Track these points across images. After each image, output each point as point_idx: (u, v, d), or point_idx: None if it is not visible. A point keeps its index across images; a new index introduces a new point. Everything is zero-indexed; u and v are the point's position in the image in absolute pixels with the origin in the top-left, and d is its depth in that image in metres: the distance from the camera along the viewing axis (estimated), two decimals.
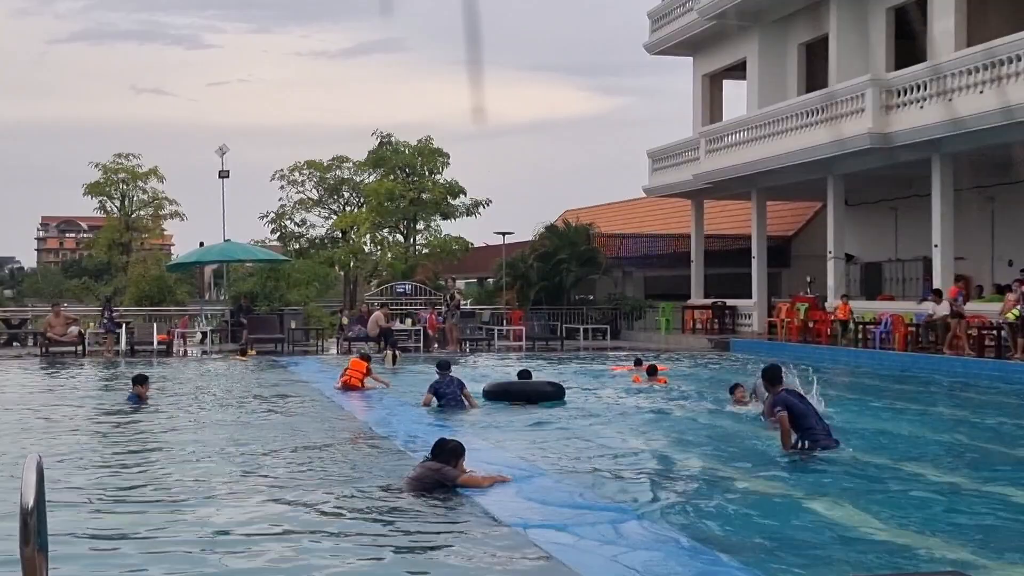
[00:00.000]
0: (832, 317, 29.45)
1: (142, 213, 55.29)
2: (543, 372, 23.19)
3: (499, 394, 18.57)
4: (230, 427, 15.66)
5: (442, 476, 9.69)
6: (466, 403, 17.33)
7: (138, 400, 17.73)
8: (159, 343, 30.96)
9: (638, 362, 24.54)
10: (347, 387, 19.77)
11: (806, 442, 11.87)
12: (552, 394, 18.60)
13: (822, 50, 33.05)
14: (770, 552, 8.33)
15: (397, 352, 27.62)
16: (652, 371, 21.37)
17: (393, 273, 46.52)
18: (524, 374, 19.95)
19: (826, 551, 8.31)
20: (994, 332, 23.95)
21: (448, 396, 17.31)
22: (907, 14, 30.06)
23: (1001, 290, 24.81)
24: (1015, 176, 28.51)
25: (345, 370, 20.55)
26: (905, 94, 27.10)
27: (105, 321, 31.11)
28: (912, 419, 16.51)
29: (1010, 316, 22.94)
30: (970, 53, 25.00)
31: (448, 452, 9.84)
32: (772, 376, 13.02)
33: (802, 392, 13.59)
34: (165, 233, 64.69)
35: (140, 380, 18.20)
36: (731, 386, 18.03)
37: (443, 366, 18.14)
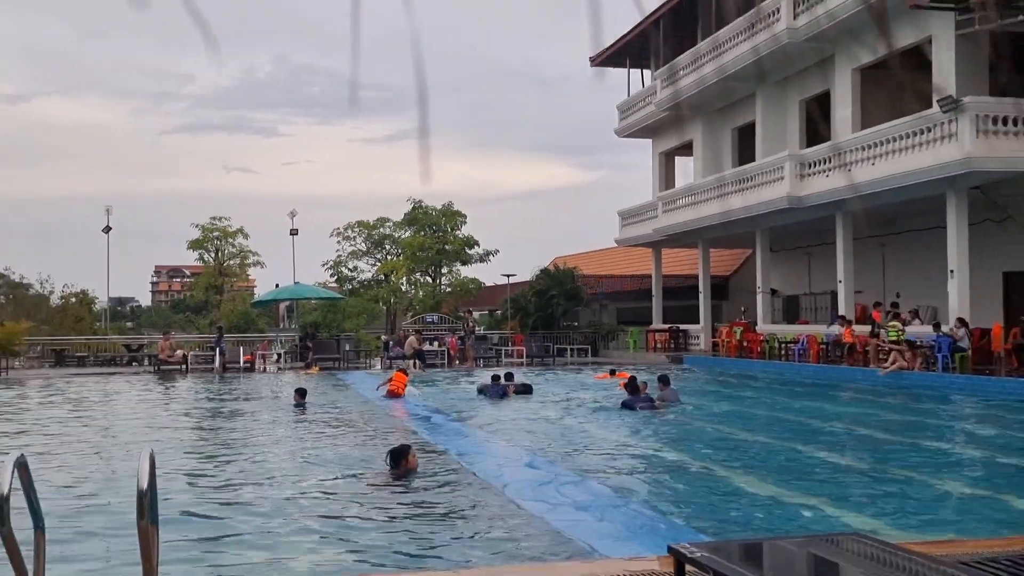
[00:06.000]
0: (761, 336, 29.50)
1: (231, 262, 55.57)
2: (539, 381, 23.39)
3: (487, 390, 20.03)
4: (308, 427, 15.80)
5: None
6: (509, 394, 19.72)
7: (300, 408, 17.59)
8: (245, 362, 31.06)
9: (612, 372, 24.66)
10: (393, 395, 19.81)
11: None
12: (524, 390, 20.46)
13: (751, 132, 33.23)
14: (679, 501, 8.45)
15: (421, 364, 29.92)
16: (636, 384, 21.22)
17: (424, 307, 46.63)
18: (508, 376, 21.65)
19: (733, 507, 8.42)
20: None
21: (492, 392, 19.70)
22: (815, 104, 30.32)
23: (896, 317, 24.75)
24: (900, 228, 28.66)
25: (390, 380, 20.65)
26: (814, 166, 27.30)
27: (222, 346, 31.44)
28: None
29: (895, 331, 22.80)
30: (864, 134, 25.27)
31: (399, 455, 9.95)
32: (663, 379, 18.10)
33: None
34: (249, 277, 64.83)
35: (301, 393, 18.23)
36: (633, 378, 18.67)
37: (495, 378, 20.71)
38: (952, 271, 22.79)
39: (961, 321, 21.91)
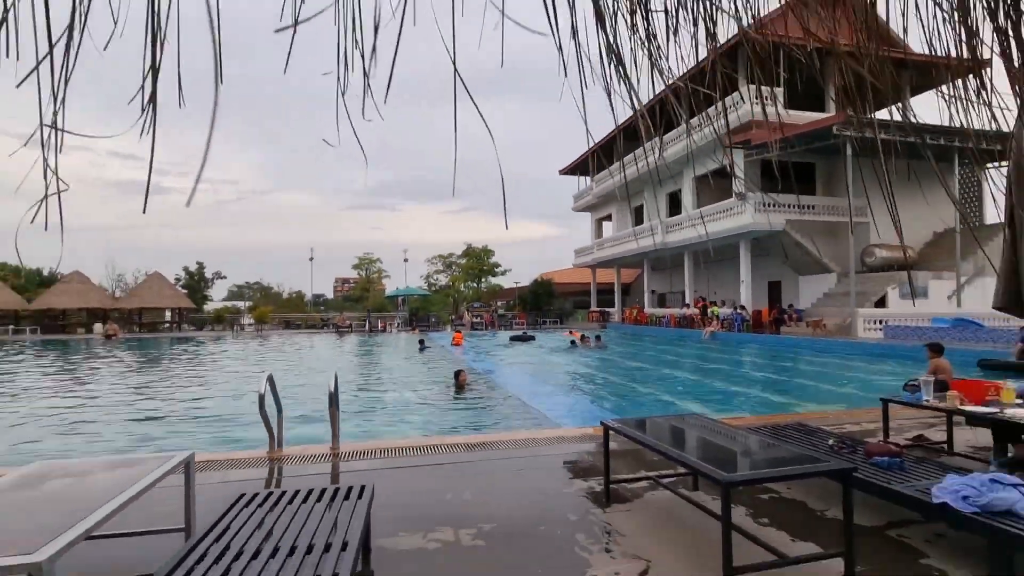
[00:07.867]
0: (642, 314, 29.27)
1: (374, 276, 55.38)
2: (535, 334, 23.27)
3: (513, 338, 20.43)
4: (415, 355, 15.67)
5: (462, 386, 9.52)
6: (527, 339, 19.93)
7: (422, 351, 16.81)
8: (380, 328, 30.98)
9: (570, 331, 24.52)
10: (455, 344, 19.65)
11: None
12: (530, 338, 20.56)
13: (641, 209, 33.00)
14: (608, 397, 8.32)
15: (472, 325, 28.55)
16: (583, 337, 20.95)
17: (472, 300, 46.43)
18: (525, 333, 22.04)
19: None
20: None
21: (514, 339, 19.75)
22: (674, 195, 30.13)
23: (714, 304, 24.58)
24: (719, 258, 28.44)
25: (454, 337, 20.53)
26: (674, 227, 27.10)
27: (370, 319, 31.44)
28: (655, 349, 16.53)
29: (715, 311, 22.59)
30: (699, 210, 25.09)
31: (457, 374, 9.56)
32: (598, 337, 17.71)
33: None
34: (382, 283, 64.54)
35: (421, 342, 17.54)
36: (582, 334, 18.71)
37: (523, 334, 21.00)
38: (743, 280, 22.66)
39: (742, 307, 21.83)
